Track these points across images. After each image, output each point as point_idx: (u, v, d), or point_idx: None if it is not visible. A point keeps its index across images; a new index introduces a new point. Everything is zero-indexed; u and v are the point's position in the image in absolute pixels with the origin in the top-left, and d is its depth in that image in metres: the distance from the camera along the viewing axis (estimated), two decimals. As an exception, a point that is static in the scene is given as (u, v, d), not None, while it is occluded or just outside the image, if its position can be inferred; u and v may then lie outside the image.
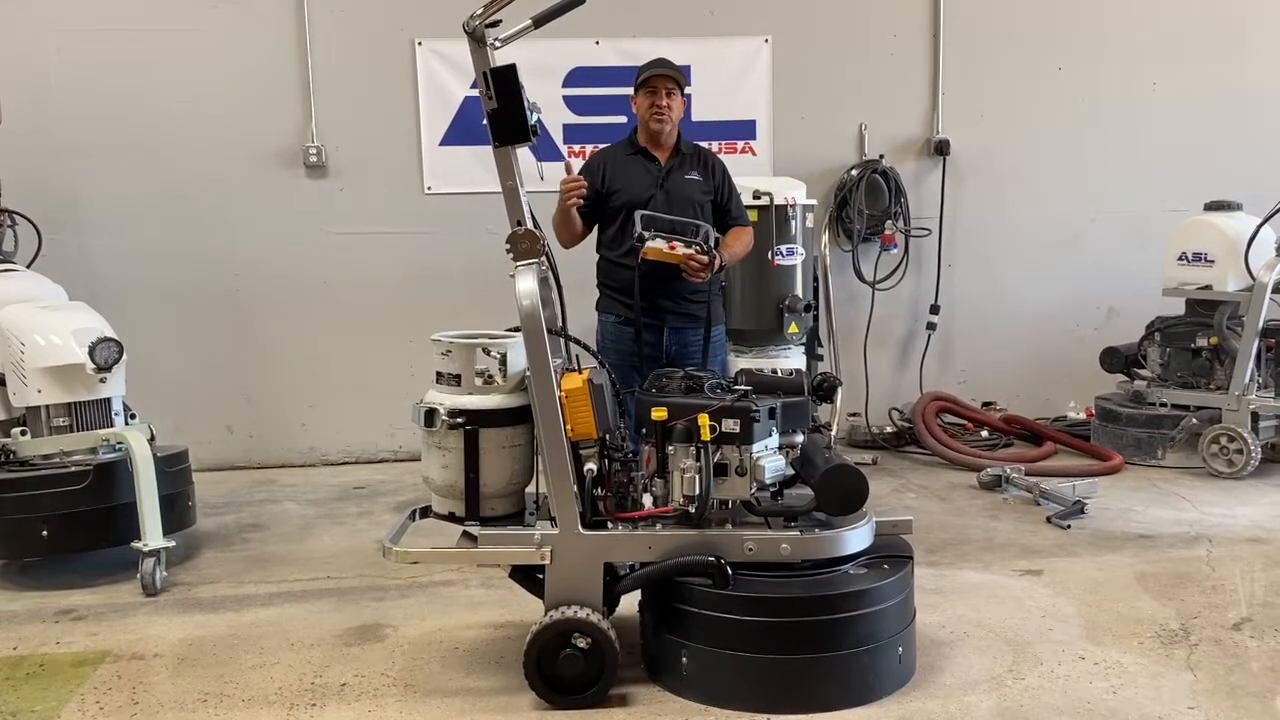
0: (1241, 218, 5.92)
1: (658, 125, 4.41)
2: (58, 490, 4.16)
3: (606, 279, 4.52)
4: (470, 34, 3.03)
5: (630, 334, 4.33)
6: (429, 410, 3.16)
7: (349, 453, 6.53)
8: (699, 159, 4.56)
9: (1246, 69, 6.93)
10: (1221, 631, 3.52)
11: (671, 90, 4.40)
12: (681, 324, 4.42)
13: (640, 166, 4.46)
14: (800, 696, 2.97)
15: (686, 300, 4.40)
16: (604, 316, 4.54)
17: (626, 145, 4.57)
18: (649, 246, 4.11)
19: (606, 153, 4.66)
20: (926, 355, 6.83)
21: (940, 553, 4.43)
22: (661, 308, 4.37)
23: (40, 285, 4.75)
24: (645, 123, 4.46)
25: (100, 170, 6.14)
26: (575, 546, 3.07)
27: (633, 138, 4.57)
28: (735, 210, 4.60)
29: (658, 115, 4.40)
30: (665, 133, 4.45)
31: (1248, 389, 5.58)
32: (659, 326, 4.40)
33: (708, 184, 4.50)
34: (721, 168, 4.60)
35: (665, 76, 4.39)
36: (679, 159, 4.50)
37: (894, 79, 6.70)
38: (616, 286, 4.42)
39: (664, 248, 4.13)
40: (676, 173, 4.47)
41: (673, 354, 4.42)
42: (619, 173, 4.46)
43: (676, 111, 4.45)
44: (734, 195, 4.60)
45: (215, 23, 6.14)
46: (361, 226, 6.36)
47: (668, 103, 4.39)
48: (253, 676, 3.34)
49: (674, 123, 4.46)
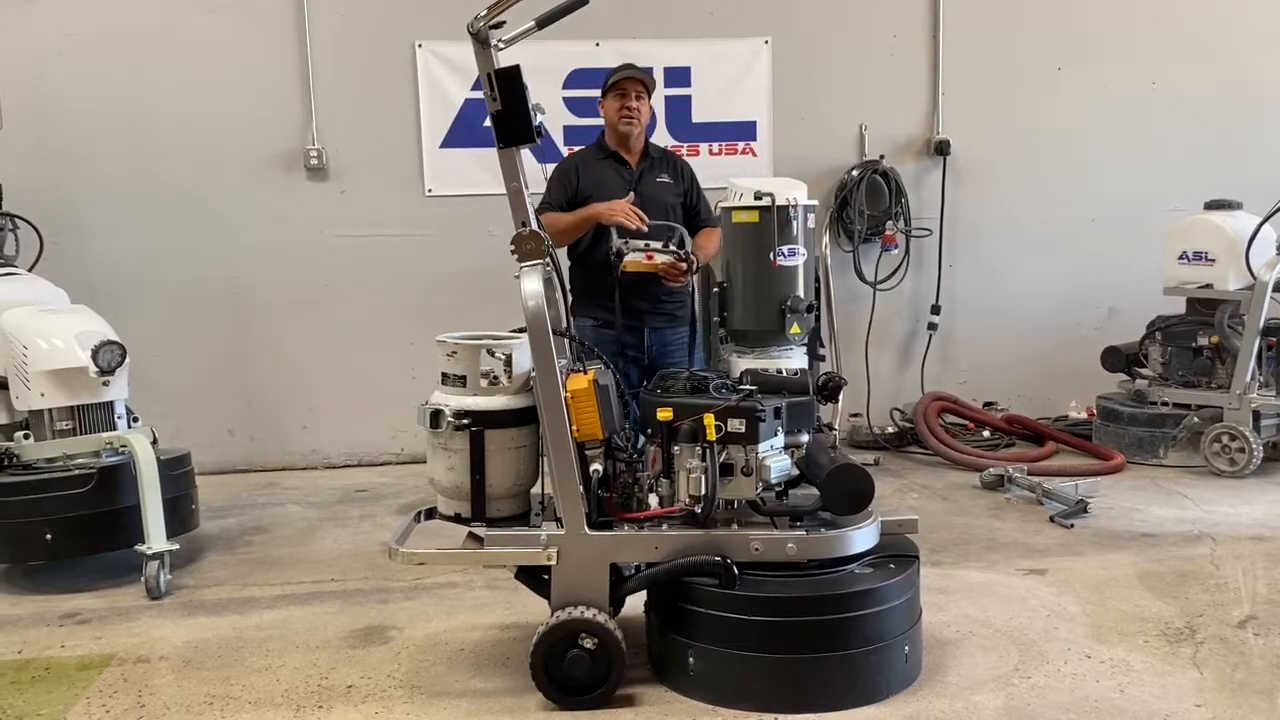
0: (1242, 216, 5.92)
1: (626, 128, 4.46)
2: (61, 494, 4.15)
3: (583, 283, 4.53)
4: (474, 35, 3.03)
5: (610, 336, 4.37)
6: (434, 411, 3.16)
7: (351, 455, 6.52)
8: (668, 162, 4.63)
9: (1246, 67, 6.94)
10: (1226, 629, 3.52)
11: (640, 93, 4.47)
12: (660, 324, 4.48)
13: (612, 170, 4.51)
14: (807, 696, 2.96)
15: (663, 301, 4.45)
16: (580, 320, 4.50)
17: (596, 150, 4.62)
18: (628, 260, 4.17)
19: (577, 157, 4.71)
20: (928, 355, 6.84)
21: (944, 552, 4.43)
22: (639, 309, 4.41)
23: (42, 289, 4.74)
24: (614, 125, 4.51)
25: (101, 173, 6.14)
26: (581, 547, 3.06)
27: (601, 142, 4.61)
28: (705, 212, 4.69)
29: (627, 118, 4.45)
30: (634, 135, 4.51)
31: (1249, 387, 5.58)
32: (639, 328, 4.44)
33: (678, 186, 4.57)
34: (689, 171, 4.68)
35: (634, 79, 4.46)
36: (649, 162, 4.56)
37: (894, 79, 6.70)
38: (592, 291, 4.43)
39: (642, 259, 4.19)
40: (648, 176, 4.53)
41: (654, 354, 4.46)
42: (592, 177, 4.51)
43: (645, 115, 4.52)
44: (702, 197, 4.70)
45: (215, 26, 6.14)
46: (362, 229, 6.36)
47: (636, 105, 4.45)
48: (258, 679, 3.34)
49: (642, 126, 4.53)
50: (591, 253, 4.46)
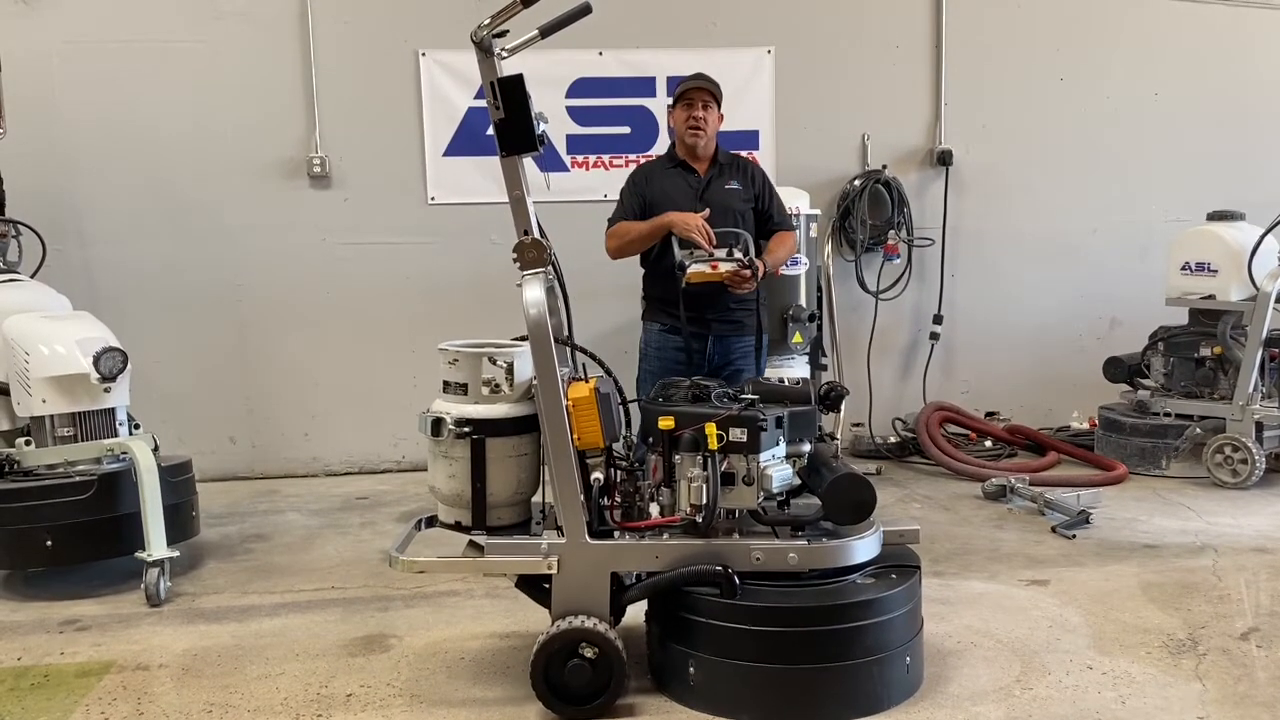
0: (1244, 227, 5.92)
1: (693, 138, 4.51)
2: (62, 500, 4.15)
3: (652, 290, 4.62)
4: (478, 44, 3.04)
5: (674, 341, 4.42)
6: (436, 419, 3.15)
7: (352, 463, 6.52)
8: (737, 168, 4.63)
9: (1248, 79, 6.96)
10: (1229, 641, 3.51)
11: (708, 103, 4.51)
12: (726, 331, 4.51)
13: (680, 179, 4.54)
14: (808, 707, 2.95)
15: (731, 309, 4.47)
16: (649, 324, 4.65)
17: (665, 160, 4.67)
18: (692, 271, 4.19)
19: (646, 168, 4.75)
20: (930, 365, 6.83)
21: (946, 562, 4.42)
22: (707, 318, 4.45)
23: (44, 295, 4.74)
24: (682, 136, 4.55)
25: (104, 180, 6.15)
26: (582, 556, 3.06)
27: (671, 152, 4.66)
28: (778, 216, 4.68)
29: (694, 128, 4.50)
30: (702, 145, 4.54)
31: (1251, 398, 5.58)
32: (704, 335, 4.47)
33: (748, 192, 4.58)
34: (761, 174, 4.69)
35: (702, 89, 4.50)
36: (717, 169, 4.58)
37: (896, 90, 6.72)
38: (663, 298, 4.50)
39: (706, 269, 4.21)
40: (716, 183, 4.55)
41: (715, 362, 4.48)
42: (659, 187, 4.55)
43: (713, 124, 4.55)
44: (775, 201, 4.68)
45: (219, 34, 6.16)
46: (365, 237, 6.36)
47: (704, 115, 4.50)
48: (258, 687, 3.33)
49: (710, 135, 4.56)
50: (661, 260, 4.50)
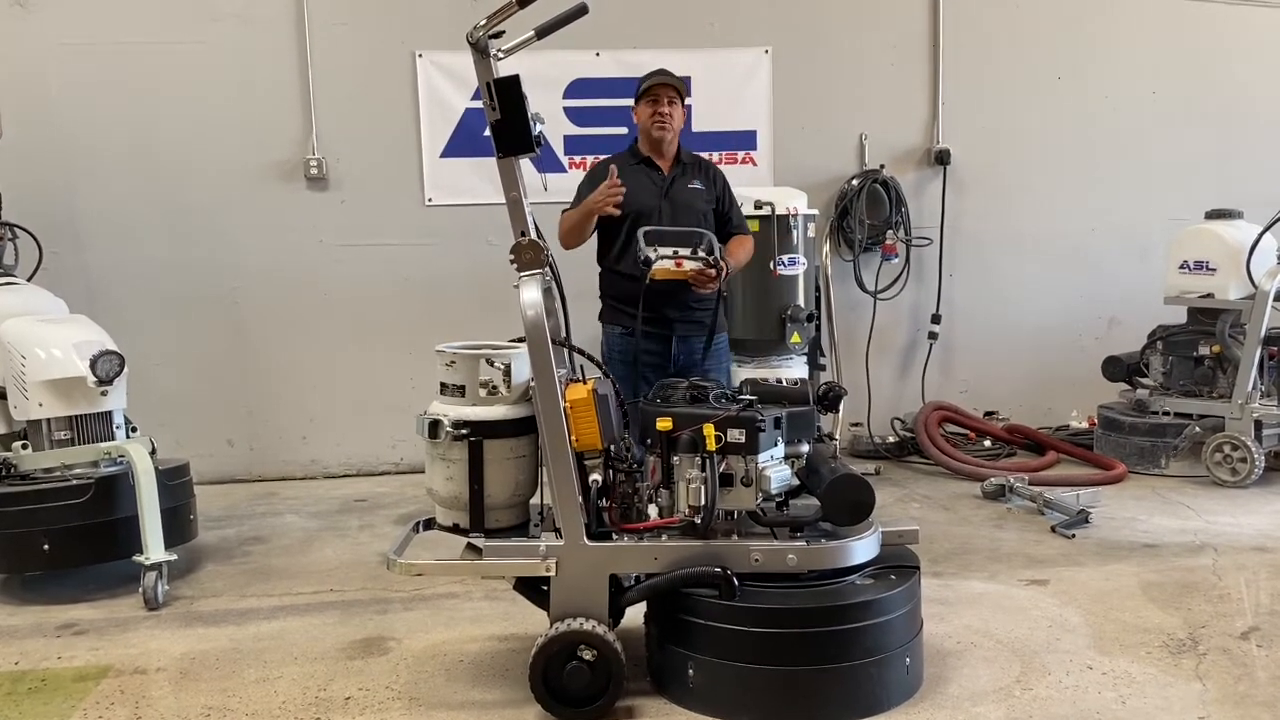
0: (1243, 226, 5.92)
1: (659, 133, 4.46)
2: (59, 504, 4.14)
3: (610, 290, 4.53)
4: (474, 45, 3.03)
5: (644, 344, 4.37)
6: (433, 421, 3.14)
7: (350, 465, 6.51)
8: (700, 168, 4.60)
9: (1247, 78, 6.95)
10: (1229, 640, 3.50)
11: (673, 99, 4.45)
12: (689, 332, 4.45)
13: (644, 176, 4.49)
14: (807, 708, 2.94)
15: (692, 309, 4.42)
16: (609, 328, 4.55)
17: (629, 155, 4.60)
18: (657, 268, 4.15)
19: (609, 162, 4.67)
20: (928, 365, 6.83)
21: (945, 563, 4.41)
22: (668, 318, 4.39)
23: (41, 298, 4.73)
24: (647, 131, 4.50)
25: (101, 183, 6.14)
26: (580, 558, 3.05)
27: (634, 148, 4.61)
28: (736, 219, 4.65)
29: (659, 123, 4.44)
30: (667, 141, 4.49)
31: (1250, 397, 5.57)
32: (667, 336, 4.42)
33: (709, 193, 4.54)
34: (722, 178, 4.65)
35: (667, 85, 4.45)
36: (681, 168, 4.54)
37: (894, 89, 6.71)
38: (621, 298, 4.43)
39: (671, 267, 4.17)
40: (680, 181, 4.51)
41: (680, 363, 4.44)
42: (624, 182, 4.47)
43: (678, 120, 4.50)
44: (734, 204, 4.65)
45: (216, 36, 6.15)
46: (362, 238, 6.35)
47: (669, 111, 4.44)
48: (256, 690, 3.32)
49: (675, 131, 4.51)
50: (619, 261, 4.45)
